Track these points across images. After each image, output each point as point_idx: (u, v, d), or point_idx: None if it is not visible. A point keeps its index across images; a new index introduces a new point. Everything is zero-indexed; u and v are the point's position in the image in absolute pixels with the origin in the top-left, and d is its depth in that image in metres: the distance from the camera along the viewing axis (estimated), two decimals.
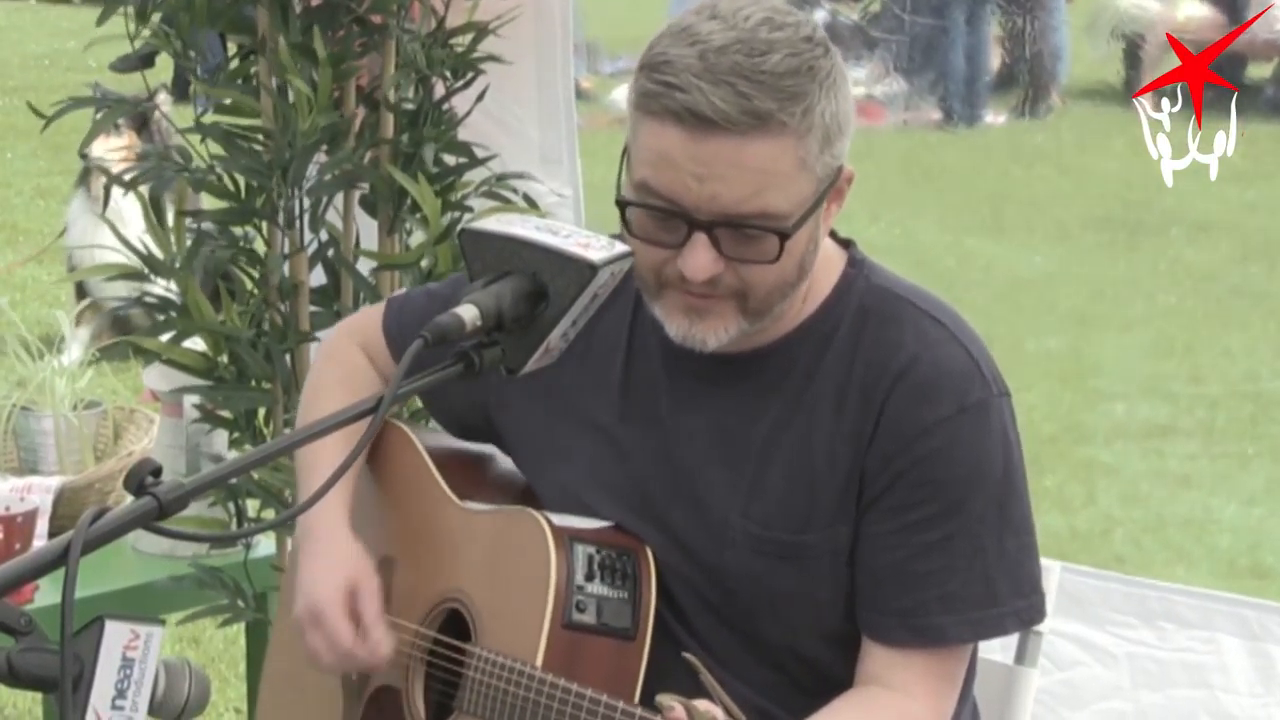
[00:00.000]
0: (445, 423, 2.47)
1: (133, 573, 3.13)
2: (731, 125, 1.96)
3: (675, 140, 1.99)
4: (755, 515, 2.14)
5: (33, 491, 3.13)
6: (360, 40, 3.14)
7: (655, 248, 2.05)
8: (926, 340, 2.12)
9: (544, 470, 2.30)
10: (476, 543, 2.26)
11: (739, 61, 1.97)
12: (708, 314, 2.07)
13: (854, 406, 2.11)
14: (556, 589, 2.12)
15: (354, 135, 3.17)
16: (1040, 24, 9.73)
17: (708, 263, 2.02)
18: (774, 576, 2.14)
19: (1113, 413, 6.46)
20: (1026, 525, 2.14)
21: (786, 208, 2.01)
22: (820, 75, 2.01)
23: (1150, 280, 7.84)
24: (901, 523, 2.09)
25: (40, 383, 3.38)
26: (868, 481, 2.10)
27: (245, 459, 1.73)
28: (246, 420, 3.17)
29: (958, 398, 2.09)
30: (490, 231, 1.91)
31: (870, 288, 2.17)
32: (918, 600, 2.09)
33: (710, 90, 1.96)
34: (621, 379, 2.23)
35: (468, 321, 1.80)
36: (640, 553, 2.19)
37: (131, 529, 1.60)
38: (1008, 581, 2.11)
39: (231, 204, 3.15)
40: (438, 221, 3.11)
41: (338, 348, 2.51)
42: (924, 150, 9.70)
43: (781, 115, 1.97)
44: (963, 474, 2.09)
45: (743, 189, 1.99)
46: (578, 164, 3.73)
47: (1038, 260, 8.22)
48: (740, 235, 2.02)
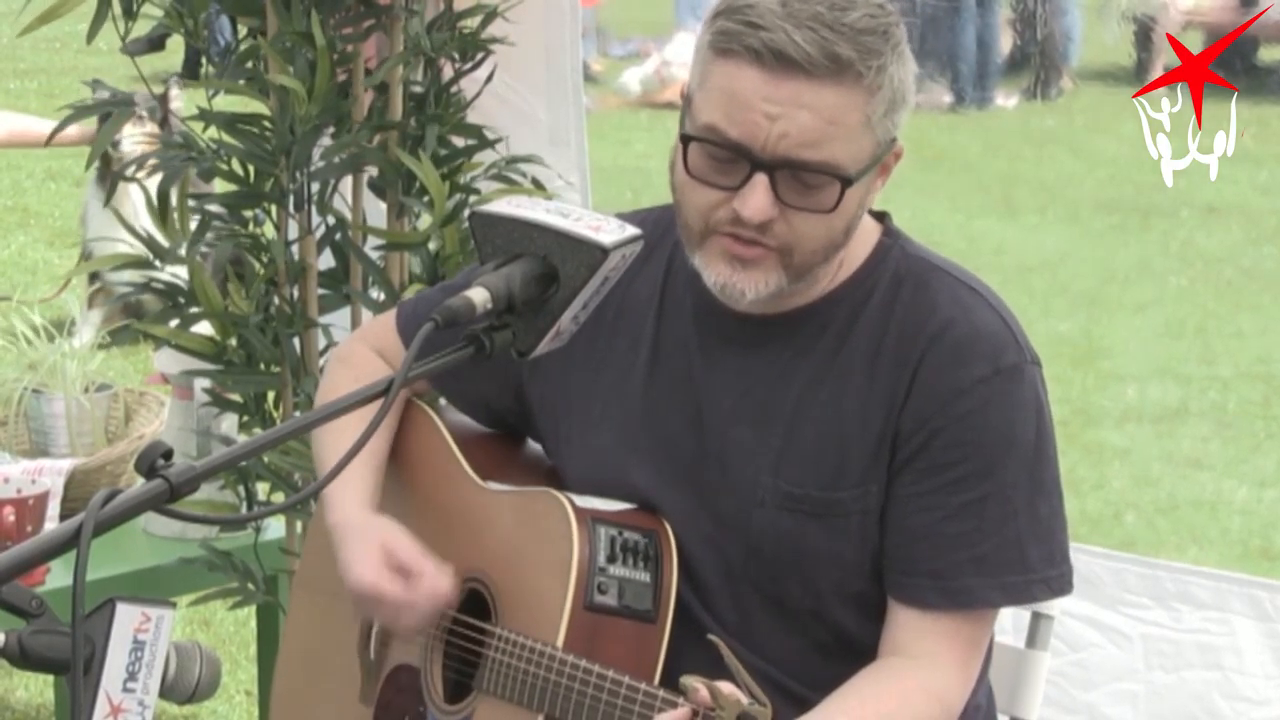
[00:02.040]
0: (470, 410, 2.47)
1: (143, 555, 3.14)
2: (812, 66, 1.99)
3: (752, 79, 2.01)
4: (786, 473, 2.15)
5: (44, 474, 3.13)
6: (366, 23, 3.14)
7: (710, 189, 2.06)
8: (962, 304, 2.14)
9: (575, 438, 2.30)
10: (498, 523, 2.27)
11: (821, 11, 2.01)
12: (751, 265, 2.08)
13: (887, 368, 2.12)
14: (579, 570, 2.12)
15: (361, 118, 3.16)
16: (1051, 7, 9.71)
17: (765, 205, 2.03)
18: (802, 535, 2.14)
19: (1124, 395, 6.46)
20: (1057, 493, 2.15)
21: (847, 161, 2.04)
22: (893, 39, 2.05)
23: (1161, 262, 7.83)
24: (935, 483, 2.10)
25: (51, 366, 3.39)
26: (901, 442, 2.11)
27: (256, 442, 1.72)
28: (256, 404, 3.17)
29: (992, 360, 2.11)
30: (500, 214, 1.90)
31: (905, 256, 2.19)
32: (949, 562, 2.10)
33: (794, 30, 1.99)
34: (653, 339, 2.24)
35: (478, 304, 1.80)
36: (662, 534, 2.19)
37: (143, 511, 1.60)
38: (1039, 548, 2.12)
39: (240, 188, 3.15)
40: (443, 204, 3.11)
41: (351, 351, 2.52)
42: (935, 132, 9.69)
43: (859, 66, 2.01)
44: (996, 436, 2.10)
45: (812, 132, 2.01)
46: (585, 146, 3.72)
47: (1049, 242, 8.21)
48: (799, 182, 2.03)
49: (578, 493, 2.23)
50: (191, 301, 3.11)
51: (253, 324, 3.10)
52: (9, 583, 1.57)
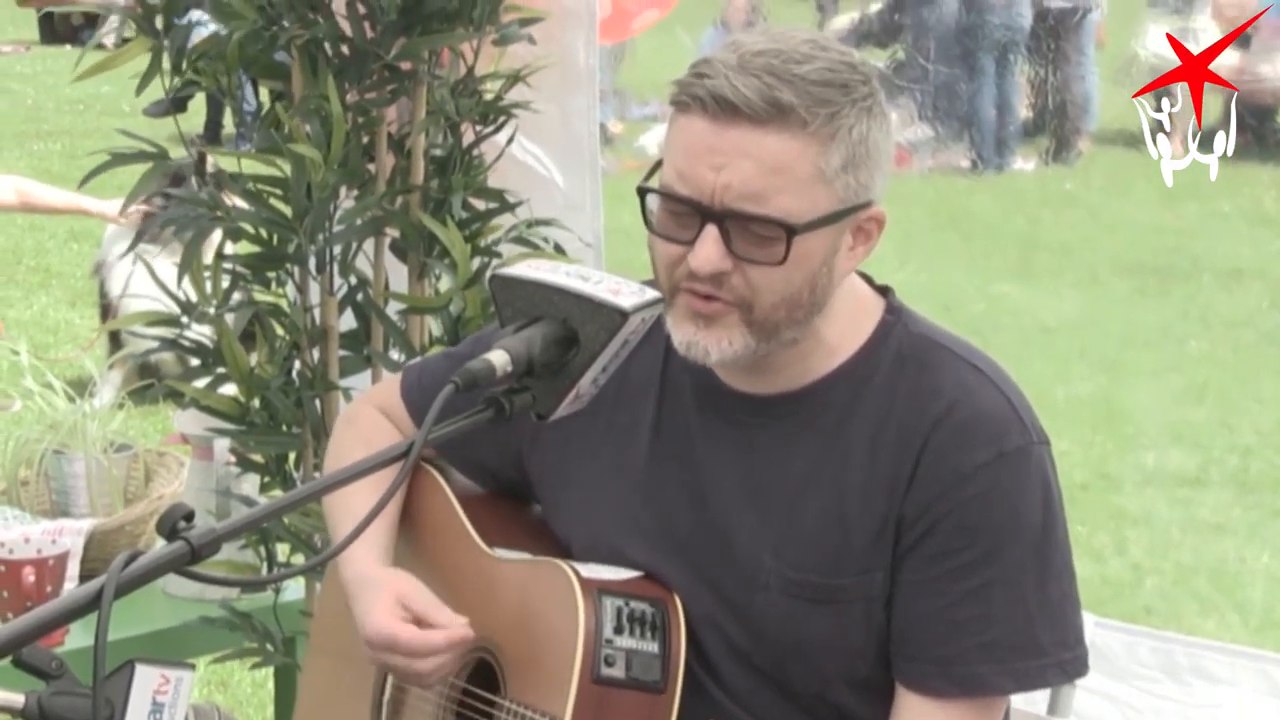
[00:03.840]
0: (475, 476, 2.45)
1: (162, 616, 3.14)
2: (752, 111, 1.97)
3: (700, 129, 2.00)
4: (788, 557, 2.12)
5: (64, 534, 3.14)
6: (390, 87, 3.16)
7: (670, 244, 2.05)
8: (965, 387, 2.11)
9: (575, 513, 2.29)
10: (505, 593, 2.25)
11: (772, 62, 1.99)
12: (713, 323, 2.05)
13: (890, 451, 2.10)
14: (585, 643, 2.10)
15: (384, 181, 3.18)
16: (1066, 72, 9.74)
17: (714, 256, 2.01)
18: (806, 621, 2.12)
19: (1143, 461, 6.44)
20: (1068, 575, 2.12)
21: (797, 211, 2.00)
22: (855, 94, 2.02)
23: (1181, 326, 7.82)
24: (940, 569, 2.07)
25: (72, 426, 3.40)
26: (905, 528, 2.09)
27: (277, 504, 1.73)
28: (277, 465, 3.18)
29: (996, 444, 2.08)
30: (521, 277, 1.91)
31: (908, 335, 2.16)
32: (958, 648, 2.07)
33: (736, 77, 1.98)
34: (654, 420, 2.23)
35: (498, 367, 1.80)
36: (669, 604, 2.17)
37: (164, 573, 1.60)
38: (1051, 631, 2.09)
39: (262, 250, 3.16)
40: (466, 266, 3.12)
41: (357, 413, 2.52)
42: (952, 195, 9.71)
43: (803, 113, 1.98)
44: (1001, 520, 2.07)
45: (755, 181, 1.99)
46: (601, 210, 3.74)
47: (1067, 306, 8.21)
48: (749, 233, 2.01)
49: (582, 561, 2.22)
50: (218, 362, 3.12)
51: (275, 386, 3.11)
52: (30, 644, 1.57)
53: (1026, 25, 9.66)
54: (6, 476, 3.43)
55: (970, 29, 9.65)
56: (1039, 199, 9.84)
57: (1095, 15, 9.70)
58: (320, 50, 3.09)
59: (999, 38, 9.71)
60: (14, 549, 2.91)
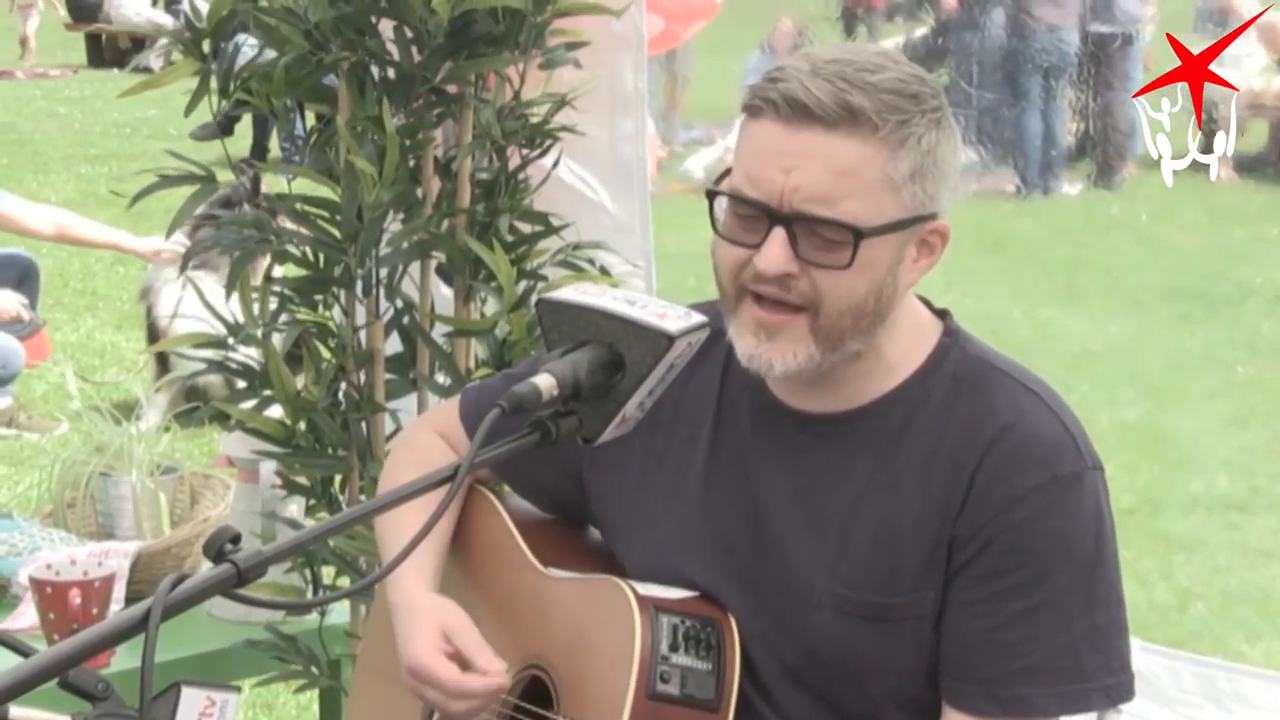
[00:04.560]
0: (533, 497, 2.47)
1: (208, 638, 3.14)
2: (824, 114, 1.99)
3: (770, 131, 2.02)
4: (842, 577, 2.13)
5: (110, 556, 3.15)
6: (437, 110, 3.17)
7: (737, 248, 2.07)
8: (1020, 409, 2.11)
9: (632, 532, 2.30)
10: (560, 610, 2.26)
11: (845, 69, 2.01)
12: (777, 335, 2.06)
13: (944, 473, 2.10)
14: (641, 659, 2.11)
15: (430, 204, 3.19)
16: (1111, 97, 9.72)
17: (781, 258, 2.02)
18: (858, 639, 2.13)
19: (1190, 486, 6.40)
20: (1116, 600, 2.12)
21: (864, 216, 2.02)
22: (925, 104, 2.04)
23: (1228, 351, 7.79)
24: (990, 590, 2.08)
25: (119, 448, 3.41)
26: (957, 548, 2.09)
27: (323, 527, 1.73)
28: (323, 487, 3.19)
29: (1050, 467, 2.08)
30: (567, 301, 1.91)
31: (965, 357, 2.17)
32: (1004, 670, 2.08)
33: (809, 80, 2.00)
34: (710, 440, 2.24)
35: (544, 391, 1.80)
36: (724, 623, 2.18)
37: (211, 595, 1.60)
38: (1095, 656, 2.09)
39: (309, 272, 3.17)
40: (512, 290, 3.12)
41: (414, 436, 2.53)
42: (998, 219, 9.69)
43: (874, 118, 2.00)
44: (1052, 544, 2.07)
45: (824, 184, 2.00)
46: (650, 234, 3.74)
47: (1113, 330, 8.18)
48: (817, 236, 2.02)
49: (638, 580, 2.23)
50: (264, 384, 3.13)
51: (321, 408, 3.12)
52: (77, 666, 1.57)
53: (1072, 50, 9.64)
54: (53, 499, 3.45)
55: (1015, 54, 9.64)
56: (1084, 223, 9.82)
57: (1141, 40, 9.68)
58: (367, 74, 3.10)
59: (1044, 63, 9.70)
60: (60, 571, 2.92)
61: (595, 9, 3.22)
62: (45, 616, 2.90)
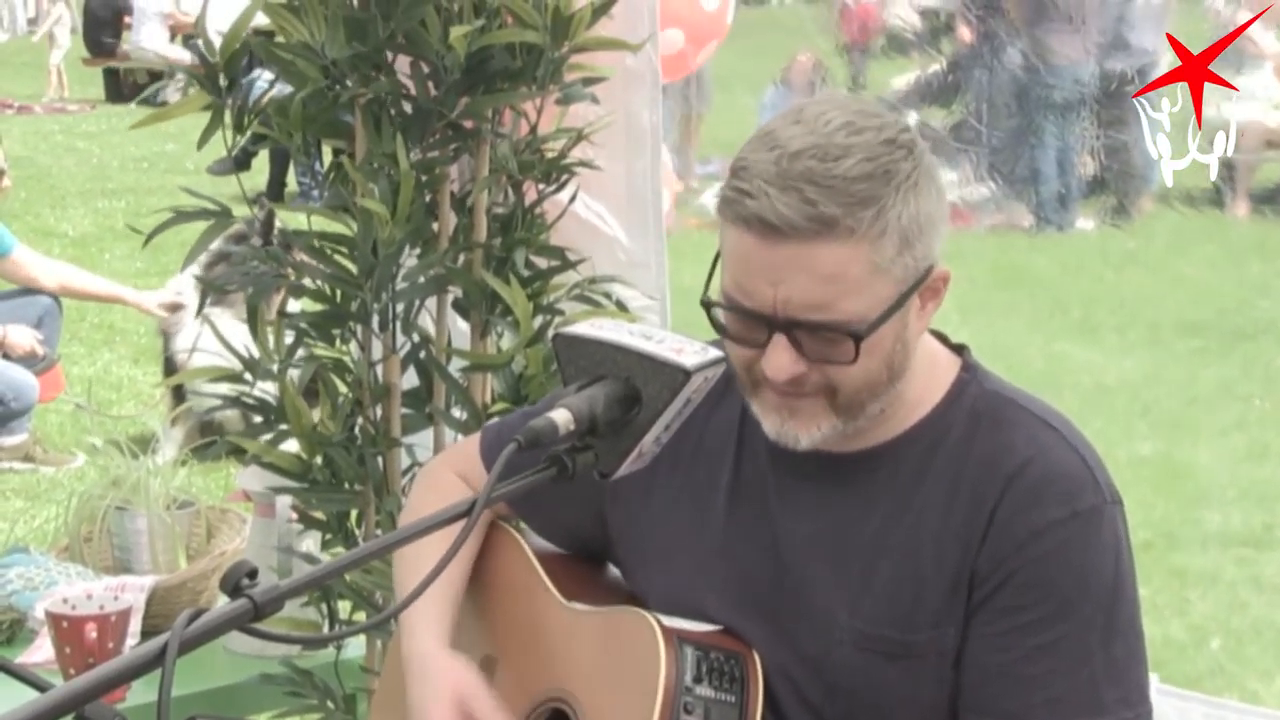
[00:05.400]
0: (553, 536, 2.47)
1: (224, 672, 3.14)
2: (797, 232, 1.97)
3: (750, 245, 2.01)
4: (863, 613, 2.13)
5: (126, 590, 3.15)
6: (453, 145, 3.18)
7: (744, 347, 2.08)
8: (1039, 444, 2.11)
9: (653, 567, 2.30)
10: (583, 642, 2.26)
11: (811, 167, 1.98)
12: (798, 412, 2.08)
13: (964, 508, 2.11)
14: (666, 690, 2.10)
15: (446, 239, 3.20)
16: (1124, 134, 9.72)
17: (788, 363, 2.03)
18: (879, 676, 2.13)
19: (1206, 521, 6.38)
20: (1135, 633, 2.12)
21: (861, 311, 2.01)
22: (897, 178, 2.00)
23: (1245, 386, 7.76)
24: (1009, 624, 2.08)
25: (135, 482, 3.41)
26: (978, 583, 2.09)
27: (339, 562, 1.73)
28: (339, 522, 3.19)
29: (1070, 502, 2.08)
30: (584, 336, 1.92)
31: (983, 393, 2.17)
32: (1023, 703, 2.07)
33: (778, 197, 1.97)
34: (731, 476, 2.24)
35: (561, 425, 1.81)
36: (748, 657, 2.18)
37: (227, 630, 1.61)
38: (1114, 689, 2.09)
39: (327, 308, 3.18)
40: (528, 324, 3.13)
41: (434, 473, 2.54)
42: (1014, 253, 9.68)
43: (848, 221, 1.97)
44: (1073, 578, 2.07)
45: (814, 294, 1.99)
46: (665, 268, 3.75)
47: (1129, 364, 8.16)
48: (818, 338, 2.03)
49: (662, 611, 2.23)
50: (281, 419, 3.13)
51: (337, 443, 3.12)
52: (93, 700, 1.58)
53: (1086, 86, 9.65)
54: (69, 533, 3.45)
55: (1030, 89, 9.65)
56: (1100, 258, 9.80)
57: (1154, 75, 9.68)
58: (384, 109, 3.11)
59: (1059, 99, 9.71)
60: (76, 605, 2.92)
61: (613, 45, 3.23)
62: (61, 651, 2.90)
